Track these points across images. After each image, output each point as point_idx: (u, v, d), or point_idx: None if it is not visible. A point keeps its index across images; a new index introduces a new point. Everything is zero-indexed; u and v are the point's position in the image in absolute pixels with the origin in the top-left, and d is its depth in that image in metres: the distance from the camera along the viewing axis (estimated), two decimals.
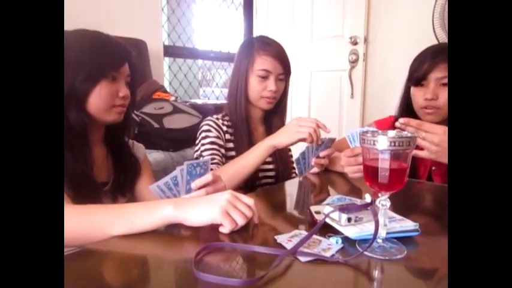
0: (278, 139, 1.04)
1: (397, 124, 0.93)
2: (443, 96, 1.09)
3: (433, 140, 0.90)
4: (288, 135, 1.03)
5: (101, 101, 0.82)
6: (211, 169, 1.04)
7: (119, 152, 0.93)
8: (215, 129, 1.18)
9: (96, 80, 0.80)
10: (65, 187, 0.73)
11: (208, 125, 1.19)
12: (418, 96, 1.15)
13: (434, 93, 1.10)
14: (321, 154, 1.10)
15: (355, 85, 2.50)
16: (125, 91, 0.85)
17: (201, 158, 1.11)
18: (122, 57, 0.86)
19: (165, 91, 2.20)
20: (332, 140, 1.11)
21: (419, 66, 1.14)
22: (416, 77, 1.14)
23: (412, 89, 1.18)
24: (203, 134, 1.17)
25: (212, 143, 1.15)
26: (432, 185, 1.11)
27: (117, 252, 0.60)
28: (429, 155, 0.93)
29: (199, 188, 0.77)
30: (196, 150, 1.17)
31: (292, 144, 1.06)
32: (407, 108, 1.21)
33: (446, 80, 1.09)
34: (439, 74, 1.10)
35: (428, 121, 1.12)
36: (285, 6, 2.84)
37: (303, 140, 1.03)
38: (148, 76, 2.25)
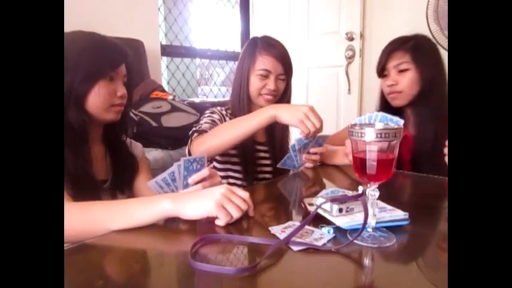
0: (281, 113, 1.01)
1: None
2: (402, 81, 1.23)
3: None
4: (291, 117, 1.00)
5: (100, 100, 0.84)
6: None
7: (117, 150, 0.95)
8: (218, 114, 1.22)
9: (94, 80, 0.82)
10: (65, 185, 0.75)
11: (212, 110, 1.24)
12: (384, 85, 1.29)
13: (394, 79, 1.24)
14: (312, 150, 1.12)
15: (352, 81, 2.52)
16: (122, 90, 0.87)
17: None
18: (118, 57, 0.88)
19: (163, 90, 2.22)
20: (325, 137, 1.12)
21: (380, 59, 1.29)
22: (379, 69, 1.30)
23: (380, 81, 1.32)
24: (206, 114, 1.22)
25: (213, 121, 1.18)
26: (424, 177, 1.13)
27: (116, 246, 0.62)
28: None
29: (196, 183, 0.79)
30: (196, 126, 1.17)
31: (288, 125, 1.10)
32: (383, 100, 1.33)
33: (402, 66, 1.23)
34: (395, 62, 1.24)
35: (396, 105, 1.25)
36: (281, 3, 2.86)
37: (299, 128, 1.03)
38: (146, 76, 2.26)
